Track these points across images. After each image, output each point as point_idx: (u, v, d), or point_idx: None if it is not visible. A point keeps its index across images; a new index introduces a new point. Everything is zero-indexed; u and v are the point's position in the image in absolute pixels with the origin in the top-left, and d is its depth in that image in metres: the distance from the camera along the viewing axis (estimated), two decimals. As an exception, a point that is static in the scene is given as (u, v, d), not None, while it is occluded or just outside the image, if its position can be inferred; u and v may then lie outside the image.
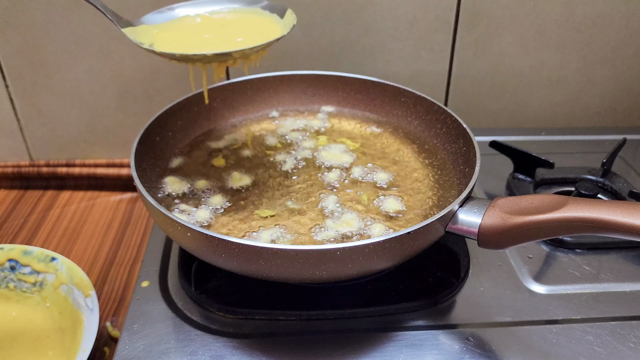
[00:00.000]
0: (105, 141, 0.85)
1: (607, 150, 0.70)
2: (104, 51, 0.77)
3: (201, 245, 0.46)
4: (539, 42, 0.81)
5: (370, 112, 0.72)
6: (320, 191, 0.58)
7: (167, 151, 0.63)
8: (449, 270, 0.57)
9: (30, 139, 0.85)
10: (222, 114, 0.70)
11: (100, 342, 0.61)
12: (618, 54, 0.83)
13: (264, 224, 0.53)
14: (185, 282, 0.55)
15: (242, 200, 0.57)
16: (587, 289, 0.55)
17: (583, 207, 0.43)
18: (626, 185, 0.68)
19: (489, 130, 0.81)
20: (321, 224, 0.53)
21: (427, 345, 0.49)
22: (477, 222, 0.47)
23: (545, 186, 0.70)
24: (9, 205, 0.82)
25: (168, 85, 0.81)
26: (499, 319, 0.52)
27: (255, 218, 0.54)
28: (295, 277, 0.46)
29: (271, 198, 0.57)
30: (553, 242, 0.61)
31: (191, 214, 0.55)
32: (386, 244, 0.44)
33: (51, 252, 0.61)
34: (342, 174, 0.61)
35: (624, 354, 0.48)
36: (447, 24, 0.79)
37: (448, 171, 0.61)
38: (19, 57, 0.77)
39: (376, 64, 0.81)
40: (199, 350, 0.48)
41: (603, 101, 0.87)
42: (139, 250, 0.74)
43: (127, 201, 0.84)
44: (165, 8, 0.57)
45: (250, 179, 0.60)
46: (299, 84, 0.73)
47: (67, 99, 0.81)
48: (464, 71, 0.83)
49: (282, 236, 0.51)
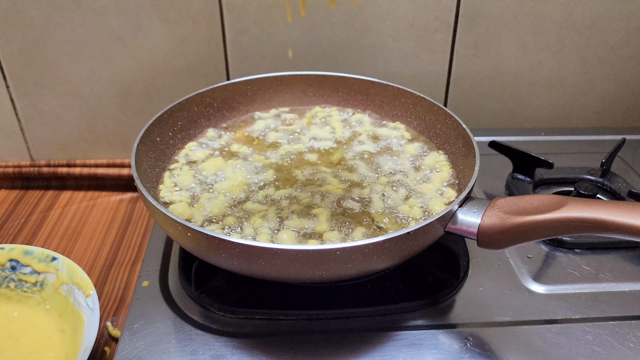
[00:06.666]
0: (105, 141, 0.85)
1: (606, 151, 0.70)
2: (105, 51, 0.77)
3: (201, 245, 0.46)
4: (539, 43, 0.81)
5: (370, 112, 0.72)
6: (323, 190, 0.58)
7: (168, 151, 0.63)
8: (448, 270, 0.57)
9: (31, 139, 0.85)
10: (222, 114, 0.70)
11: (101, 341, 0.61)
12: (617, 54, 0.83)
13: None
14: (186, 281, 0.55)
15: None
16: (586, 289, 0.55)
17: (582, 207, 0.43)
18: (625, 185, 0.68)
19: (489, 131, 0.82)
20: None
21: (427, 345, 0.49)
22: (476, 222, 0.47)
23: (544, 186, 0.70)
24: (10, 205, 0.83)
25: (168, 85, 0.81)
26: (499, 318, 0.52)
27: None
28: (295, 277, 0.46)
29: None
30: (552, 242, 0.61)
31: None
32: (386, 244, 0.44)
33: (52, 252, 0.61)
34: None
35: (624, 353, 0.48)
36: (447, 25, 0.79)
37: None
38: (19, 58, 0.77)
39: (376, 64, 0.81)
40: (200, 349, 0.48)
41: (602, 101, 0.87)
42: (139, 250, 0.74)
43: (128, 201, 0.84)
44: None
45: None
46: (299, 84, 0.73)
47: (67, 99, 0.81)
48: (463, 72, 0.83)
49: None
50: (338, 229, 0.52)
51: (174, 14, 0.75)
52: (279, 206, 0.55)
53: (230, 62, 0.80)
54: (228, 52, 0.79)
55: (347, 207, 0.55)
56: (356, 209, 0.54)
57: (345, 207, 0.55)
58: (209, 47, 0.78)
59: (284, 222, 0.53)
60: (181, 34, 0.77)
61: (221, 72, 0.81)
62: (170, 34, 0.77)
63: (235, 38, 0.78)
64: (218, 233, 0.45)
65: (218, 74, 0.81)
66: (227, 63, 0.80)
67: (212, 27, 0.77)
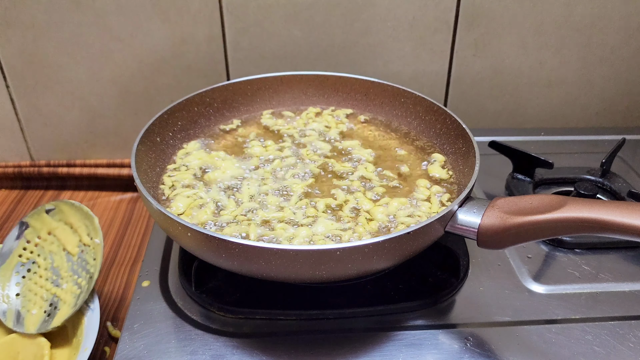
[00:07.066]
0: (105, 141, 0.85)
1: (606, 151, 0.70)
2: (105, 51, 0.77)
3: (201, 245, 0.46)
4: (539, 43, 0.81)
5: (370, 112, 0.72)
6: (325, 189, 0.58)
7: (168, 151, 0.63)
8: (448, 270, 0.57)
9: (31, 139, 0.85)
10: (222, 114, 0.70)
11: (101, 341, 0.61)
12: (617, 54, 0.83)
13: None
14: (186, 281, 0.55)
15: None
16: (586, 289, 0.55)
17: (582, 207, 0.43)
18: (625, 185, 0.68)
19: (489, 131, 0.82)
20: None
21: (427, 345, 0.49)
22: (476, 222, 0.47)
23: (544, 186, 0.70)
24: (10, 205, 0.83)
25: (168, 85, 0.81)
26: (499, 318, 0.52)
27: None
28: (295, 277, 0.46)
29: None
30: (552, 242, 0.61)
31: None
32: (386, 244, 0.44)
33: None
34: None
35: (623, 353, 0.48)
36: (447, 25, 0.79)
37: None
38: (19, 58, 0.77)
39: (376, 64, 0.81)
40: (200, 349, 0.48)
41: (602, 101, 0.87)
42: (139, 250, 0.74)
43: (128, 201, 0.84)
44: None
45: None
46: (299, 84, 0.73)
47: (67, 99, 0.81)
48: (463, 71, 0.83)
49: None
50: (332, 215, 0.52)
51: (174, 14, 0.75)
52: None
53: (230, 62, 0.80)
54: (228, 52, 0.79)
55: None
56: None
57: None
58: (209, 47, 0.78)
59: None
60: (181, 34, 0.77)
61: (221, 72, 0.81)
62: (170, 34, 0.77)
63: (235, 38, 0.78)
64: (218, 233, 0.45)
65: (218, 74, 0.81)
66: (227, 63, 0.80)
67: (212, 27, 0.77)
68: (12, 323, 0.56)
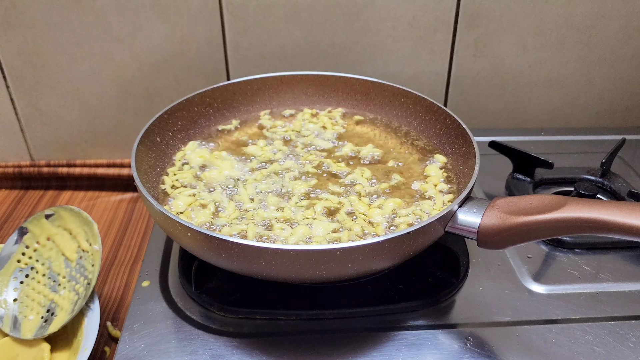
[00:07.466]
0: (105, 141, 0.85)
1: (606, 151, 0.70)
2: (105, 51, 0.77)
3: (201, 245, 0.46)
4: (539, 43, 0.81)
5: (370, 112, 0.72)
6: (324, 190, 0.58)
7: (168, 151, 0.63)
8: (448, 270, 0.57)
9: (31, 139, 0.85)
10: (222, 114, 0.70)
11: (101, 341, 0.61)
12: (617, 54, 0.83)
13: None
14: (186, 281, 0.55)
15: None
16: (586, 289, 0.55)
17: (582, 207, 0.43)
18: (625, 185, 0.68)
19: (489, 131, 0.82)
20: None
21: (427, 345, 0.49)
22: (476, 222, 0.47)
23: (544, 186, 0.70)
24: (10, 205, 0.83)
25: (168, 85, 0.81)
26: (499, 318, 0.52)
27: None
28: (295, 277, 0.46)
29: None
30: (552, 242, 0.61)
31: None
32: (386, 244, 0.44)
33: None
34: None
35: (623, 353, 0.48)
36: (447, 25, 0.79)
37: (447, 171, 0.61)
38: (19, 58, 0.77)
39: (376, 64, 0.81)
40: (200, 349, 0.48)
41: (602, 101, 0.87)
42: (139, 250, 0.74)
43: (128, 201, 0.84)
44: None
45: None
46: (299, 84, 0.73)
47: (67, 99, 0.81)
48: (463, 71, 0.83)
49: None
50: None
51: (174, 14, 0.75)
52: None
53: (230, 62, 0.80)
54: (228, 52, 0.79)
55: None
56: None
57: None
58: (209, 47, 0.78)
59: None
60: (181, 34, 0.77)
61: (221, 72, 0.81)
62: (170, 34, 0.77)
63: (235, 38, 0.78)
64: (218, 233, 0.45)
65: (218, 74, 0.81)
66: (227, 63, 0.80)
67: (212, 27, 0.77)
68: (9, 328, 0.56)
